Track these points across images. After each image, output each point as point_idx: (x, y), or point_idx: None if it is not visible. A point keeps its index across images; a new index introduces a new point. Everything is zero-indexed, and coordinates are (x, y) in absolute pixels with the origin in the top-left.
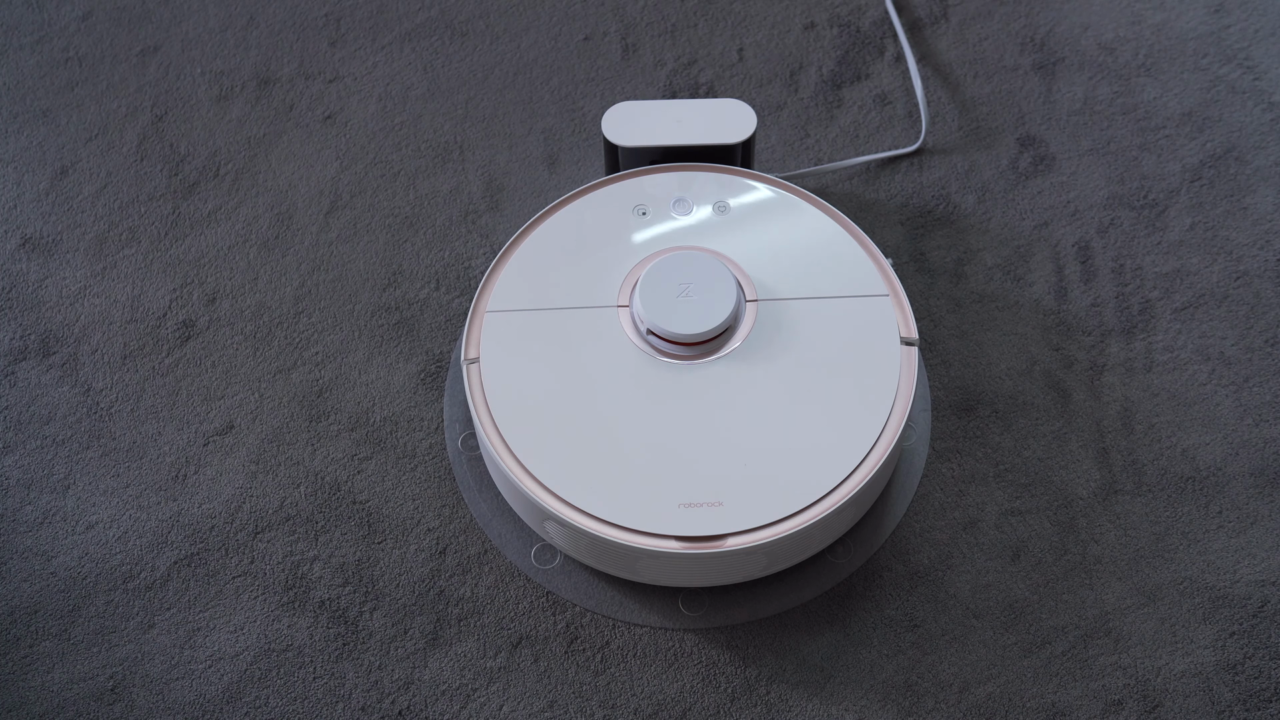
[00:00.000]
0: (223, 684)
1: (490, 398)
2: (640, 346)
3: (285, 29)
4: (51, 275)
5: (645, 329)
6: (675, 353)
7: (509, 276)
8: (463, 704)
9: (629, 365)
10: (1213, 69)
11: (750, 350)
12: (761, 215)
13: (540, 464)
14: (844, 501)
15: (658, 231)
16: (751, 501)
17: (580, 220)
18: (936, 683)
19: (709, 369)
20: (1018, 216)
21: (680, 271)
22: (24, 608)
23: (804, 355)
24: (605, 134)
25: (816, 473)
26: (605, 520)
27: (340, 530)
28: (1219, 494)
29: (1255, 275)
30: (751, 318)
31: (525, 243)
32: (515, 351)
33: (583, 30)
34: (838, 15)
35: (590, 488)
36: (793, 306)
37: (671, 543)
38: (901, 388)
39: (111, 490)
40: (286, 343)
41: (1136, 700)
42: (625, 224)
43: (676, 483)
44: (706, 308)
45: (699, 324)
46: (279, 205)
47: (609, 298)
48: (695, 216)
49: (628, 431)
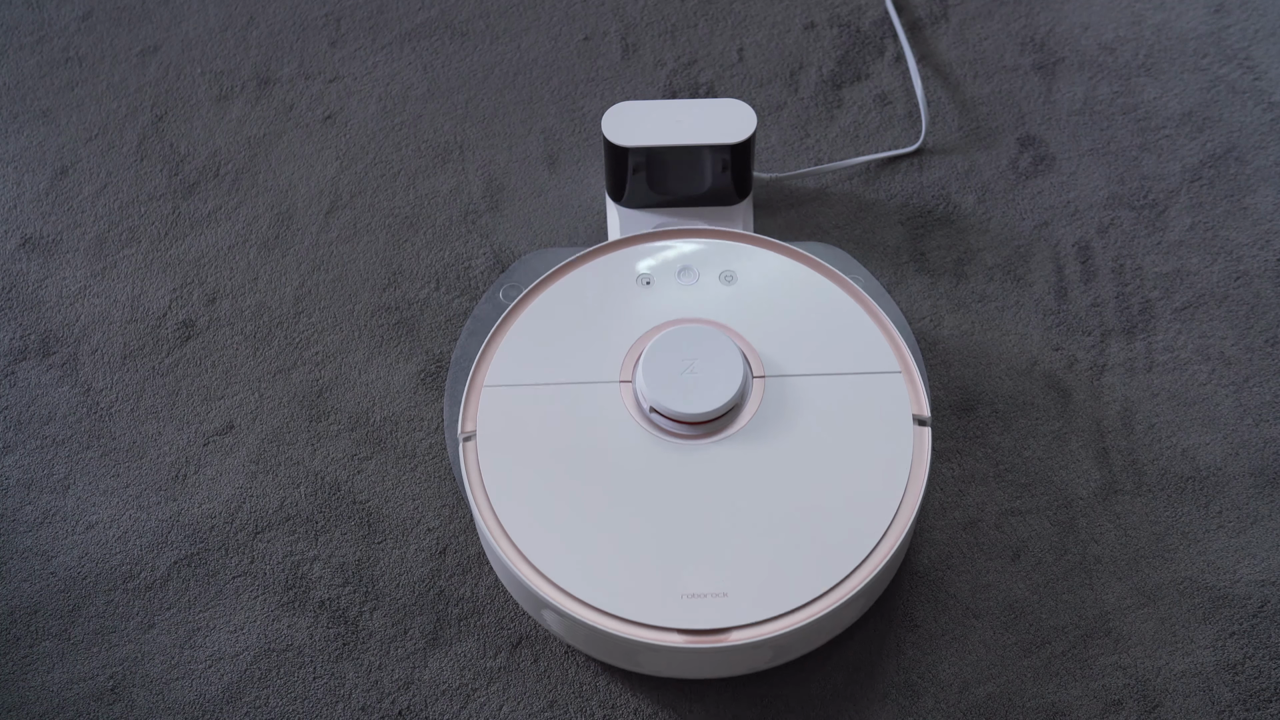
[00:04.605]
0: (223, 684)
1: (486, 476)
2: (642, 425)
3: (285, 29)
4: (51, 275)
5: (648, 406)
6: (679, 432)
7: (507, 349)
8: (463, 704)
9: (631, 445)
10: (1213, 69)
11: (757, 430)
12: (770, 285)
13: (537, 549)
14: (854, 593)
15: (662, 303)
16: (758, 592)
17: (581, 289)
18: (936, 683)
19: (714, 450)
20: (1018, 216)
21: (685, 346)
22: (24, 608)
23: (813, 436)
24: (605, 134)
25: (826, 562)
26: (604, 611)
27: (340, 530)
28: (1219, 494)
29: (1255, 275)
30: (759, 395)
31: (524, 313)
32: (513, 428)
33: (583, 30)
34: (838, 15)
35: (589, 576)
36: (801, 383)
37: (674, 636)
38: (914, 471)
39: (111, 490)
40: (286, 343)
41: (1136, 700)
42: (628, 294)
43: (680, 571)
44: (712, 385)
45: (704, 403)
46: (279, 205)
47: (611, 373)
48: (701, 286)
49: (629, 516)
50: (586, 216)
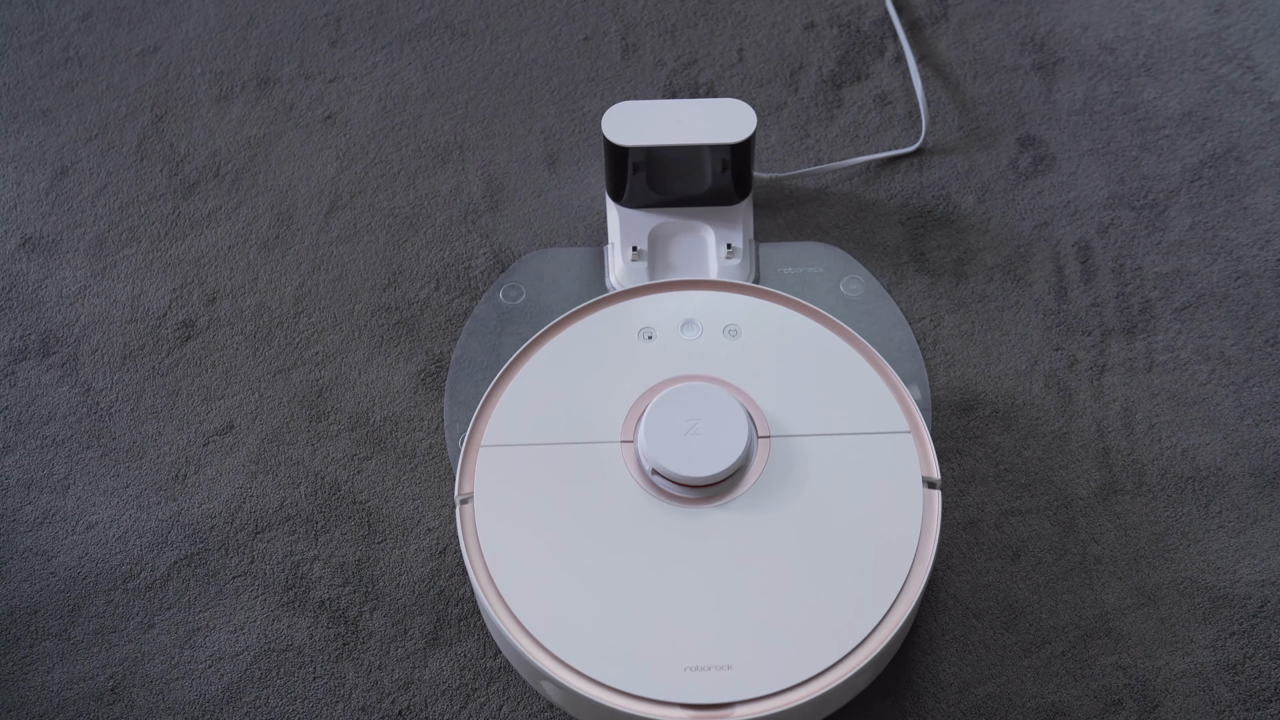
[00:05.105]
0: (223, 684)
1: (484, 542)
2: (644, 488)
3: (285, 29)
4: (51, 275)
5: (650, 468)
6: (682, 495)
7: (506, 406)
8: (463, 704)
9: (632, 509)
10: (1213, 69)
11: (762, 494)
12: (775, 340)
13: (536, 619)
14: (863, 665)
15: (664, 358)
16: (763, 665)
17: (581, 344)
18: (936, 683)
19: (718, 515)
20: (1018, 216)
21: (688, 406)
22: (24, 608)
23: (819, 500)
24: (605, 134)
25: (833, 633)
26: (605, 685)
27: (340, 530)
28: (1219, 494)
29: (1255, 275)
30: (764, 456)
31: (522, 369)
32: (511, 491)
33: (583, 30)
34: (838, 15)
35: (590, 647)
36: (807, 443)
37: (677, 711)
38: (924, 537)
39: (111, 490)
40: (286, 343)
41: (1136, 700)
42: (630, 348)
43: (682, 643)
44: (716, 447)
45: (708, 465)
46: (279, 205)
47: (612, 432)
48: (705, 340)
49: (631, 584)
50: (586, 216)
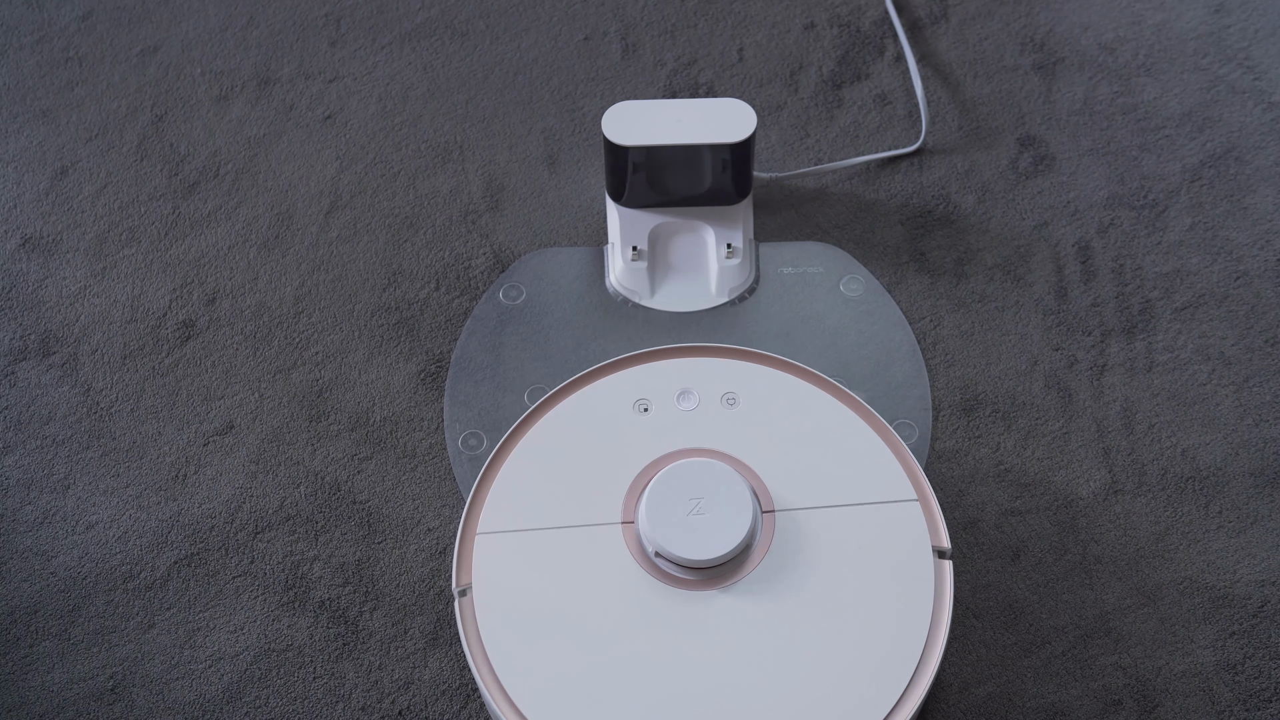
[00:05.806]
0: (223, 684)
1: (485, 635)
2: (647, 571)
3: (285, 29)
4: (51, 275)
5: (652, 551)
6: (686, 578)
7: (500, 490)
8: (463, 704)
9: (635, 594)
10: (1213, 69)
11: (768, 575)
12: (773, 406)
13: (541, 712)
14: None
15: (662, 431)
16: None
17: (575, 420)
18: (936, 683)
19: (724, 600)
20: (1018, 216)
21: (690, 483)
22: (24, 608)
23: (827, 578)
24: (605, 134)
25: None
26: None
27: (340, 530)
28: (1219, 494)
29: (1255, 275)
30: (769, 532)
31: (516, 449)
32: (511, 580)
33: (583, 30)
34: (838, 15)
35: None
36: (813, 517)
37: None
38: (937, 613)
39: (111, 490)
40: (286, 343)
41: (1136, 700)
42: (625, 422)
43: None
44: (721, 527)
45: (713, 547)
46: (279, 205)
47: (612, 513)
48: (702, 410)
49: (636, 673)
50: (586, 216)
